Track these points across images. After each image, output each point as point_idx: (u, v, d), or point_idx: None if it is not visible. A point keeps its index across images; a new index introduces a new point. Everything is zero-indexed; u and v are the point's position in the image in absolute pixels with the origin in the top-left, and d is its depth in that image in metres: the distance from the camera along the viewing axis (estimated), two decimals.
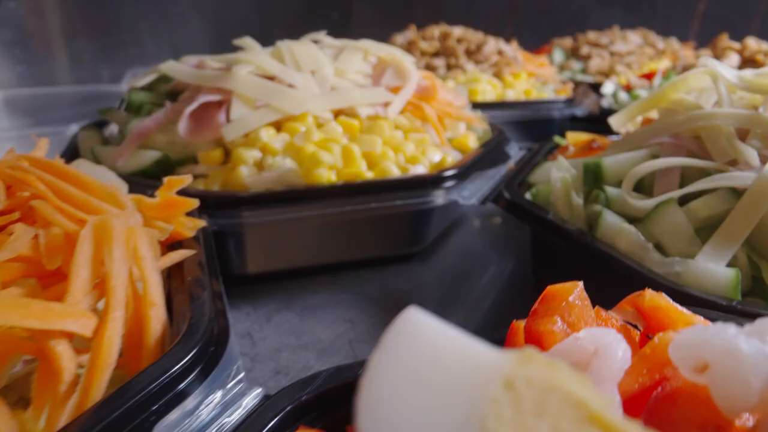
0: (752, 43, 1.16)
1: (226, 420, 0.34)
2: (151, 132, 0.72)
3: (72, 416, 0.32)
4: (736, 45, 1.18)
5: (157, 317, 0.38)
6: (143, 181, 0.62)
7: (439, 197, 0.68)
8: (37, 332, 0.32)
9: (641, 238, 0.50)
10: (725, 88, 0.60)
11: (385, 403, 0.15)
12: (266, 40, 1.48)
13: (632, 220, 0.53)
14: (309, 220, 0.64)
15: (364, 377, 0.16)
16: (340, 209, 0.63)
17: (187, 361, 0.33)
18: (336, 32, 1.15)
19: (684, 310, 0.30)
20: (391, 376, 0.16)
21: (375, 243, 0.72)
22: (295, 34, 1.66)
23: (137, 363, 0.37)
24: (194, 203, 0.47)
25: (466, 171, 0.71)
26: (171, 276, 0.44)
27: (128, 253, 0.38)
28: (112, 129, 0.87)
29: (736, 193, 0.50)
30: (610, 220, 0.53)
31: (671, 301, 0.30)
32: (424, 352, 0.16)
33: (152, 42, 2.28)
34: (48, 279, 0.39)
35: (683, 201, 0.52)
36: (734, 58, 1.13)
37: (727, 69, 0.61)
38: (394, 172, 0.68)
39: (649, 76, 1.27)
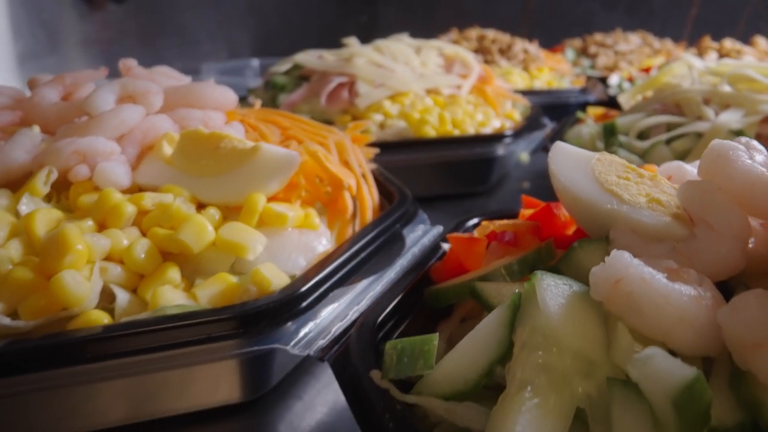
0: (728, 43, 1.47)
1: (426, 237, 0.64)
2: (296, 103, 1.03)
3: (351, 233, 0.62)
4: (716, 45, 1.49)
5: (374, 193, 0.68)
6: None
7: (500, 149, 0.99)
8: (334, 183, 0.62)
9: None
10: (697, 73, 0.90)
11: (559, 161, 0.46)
12: (305, 39, 1.80)
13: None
14: (416, 161, 0.94)
15: (549, 157, 0.47)
16: (439, 154, 0.94)
17: (406, 207, 0.64)
18: (364, 33, 1.45)
19: None
20: (557, 154, 0.46)
21: (457, 182, 1.03)
22: (330, 34, 2.00)
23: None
24: (371, 138, 0.78)
25: (519, 132, 1.02)
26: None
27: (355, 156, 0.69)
28: (250, 101, 1.17)
29: (700, 135, 0.80)
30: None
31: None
32: (567, 151, 0.47)
33: (210, 42, 2.59)
34: None
35: (668, 142, 0.83)
36: (713, 55, 1.44)
37: (699, 61, 0.92)
38: (471, 132, 0.99)
39: (647, 70, 1.58)
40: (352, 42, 1.19)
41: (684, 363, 0.27)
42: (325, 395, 0.55)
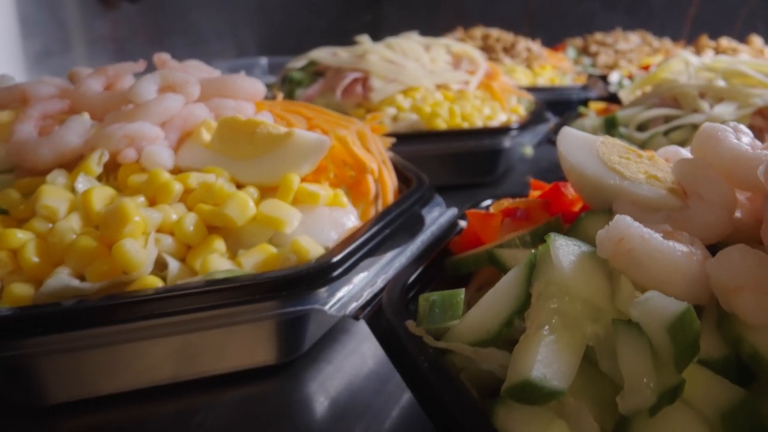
0: (724, 42, 1.52)
1: (443, 217, 0.69)
2: (313, 97, 1.08)
3: (374, 214, 0.67)
4: (713, 43, 1.55)
5: (391, 181, 0.73)
6: None
7: (507, 141, 1.04)
8: (358, 167, 0.67)
9: None
10: (693, 69, 0.96)
11: (567, 144, 0.51)
12: (311, 38, 1.85)
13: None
14: (428, 152, 1.00)
15: (558, 140, 0.52)
16: (449, 145, 0.99)
17: (424, 189, 0.69)
18: (368, 32, 1.50)
19: None
20: (565, 138, 0.52)
21: (466, 173, 1.08)
22: (335, 33, 2.04)
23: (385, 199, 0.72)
24: (386, 129, 0.83)
25: (524, 126, 1.07)
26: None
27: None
28: (269, 95, 1.22)
29: (695, 127, 0.86)
30: None
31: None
32: (575, 135, 0.52)
33: (218, 41, 2.64)
34: None
35: (665, 133, 0.88)
36: (710, 53, 1.49)
37: (695, 57, 0.98)
38: (480, 125, 1.04)
39: (646, 68, 1.63)
40: (364, 39, 1.24)
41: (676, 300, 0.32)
42: (352, 360, 0.60)
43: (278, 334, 0.55)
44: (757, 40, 1.58)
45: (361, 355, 0.61)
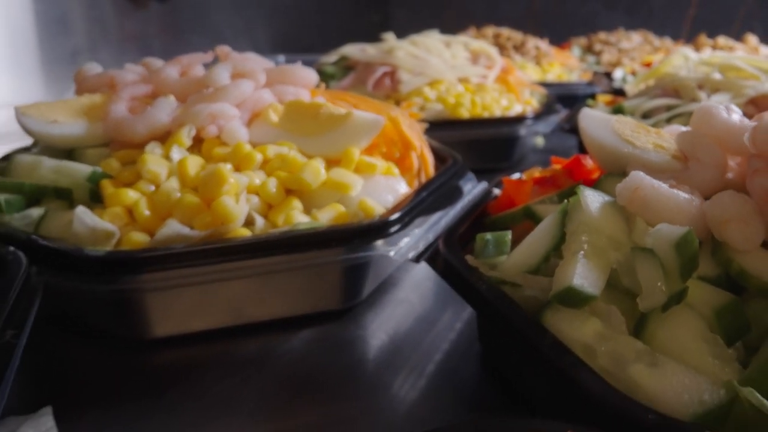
0: (721, 40, 1.63)
1: (477, 189, 0.79)
2: (345, 89, 1.19)
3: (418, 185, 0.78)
4: (711, 42, 1.66)
5: (430, 158, 0.84)
6: None
7: (523, 130, 1.15)
8: (405, 144, 0.77)
9: None
10: (692, 64, 1.07)
11: (587, 121, 0.61)
12: (322, 37, 1.96)
13: None
14: (452, 138, 1.10)
15: (579, 118, 0.62)
16: (472, 132, 1.10)
17: (459, 166, 0.79)
18: (377, 32, 1.60)
19: None
20: (585, 117, 0.62)
21: (485, 158, 1.19)
22: (345, 33, 2.16)
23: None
24: (420, 115, 0.93)
25: (538, 116, 1.18)
26: None
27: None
28: None
29: None
30: None
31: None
32: (594, 114, 0.63)
33: (235, 40, 2.75)
34: None
35: (667, 121, 0.99)
36: (708, 51, 1.60)
37: (693, 53, 1.08)
38: (498, 115, 1.15)
39: (648, 65, 1.74)
40: (390, 37, 1.35)
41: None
42: (403, 307, 0.71)
43: (344, 281, 0.65)
44: (752, 38, 1.69)
45: (410, 304, 0.71)
